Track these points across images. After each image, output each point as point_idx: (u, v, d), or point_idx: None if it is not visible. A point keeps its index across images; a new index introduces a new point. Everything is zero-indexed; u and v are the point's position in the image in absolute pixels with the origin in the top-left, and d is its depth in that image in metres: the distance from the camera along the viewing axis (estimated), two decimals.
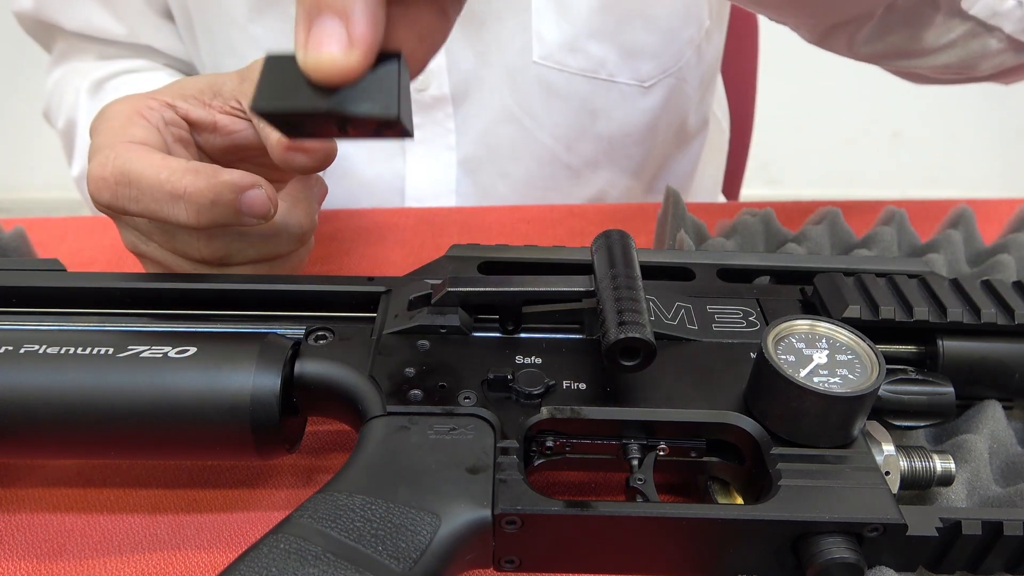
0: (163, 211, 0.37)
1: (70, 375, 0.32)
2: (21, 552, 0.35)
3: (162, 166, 0.37)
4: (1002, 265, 0.48)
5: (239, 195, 0.37)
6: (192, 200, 0.36)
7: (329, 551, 0.27)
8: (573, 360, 0.35)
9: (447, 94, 0.66)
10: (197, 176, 0.37)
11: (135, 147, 0.38)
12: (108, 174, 0.37)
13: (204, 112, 0.43)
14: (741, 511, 0.30)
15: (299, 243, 0.43)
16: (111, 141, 0.38)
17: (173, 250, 0.41)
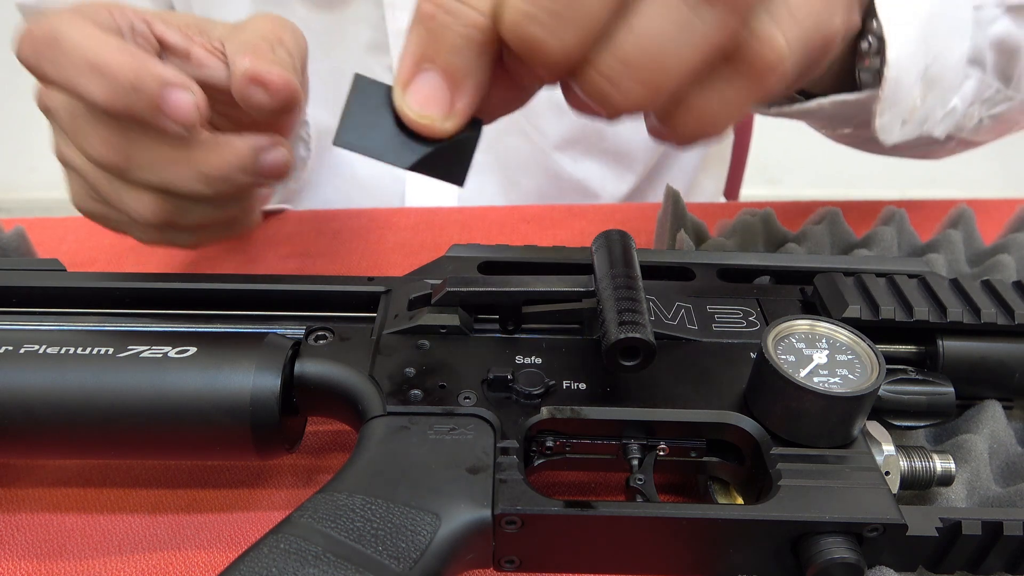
0: (78, 82, 0.34)
1: (70, 375, 0.32)
2: (21, 552, 0.35)
3: (93, 35, 0.34)
4: (1002, 265, 0.48)
5: (162, 89, 0.33)
6: (111, 75, 0.33)
7: (329, 551, 0.27)
8: (573, 360, 0.35)
9: None
10: (123, 53, 0.34)
11: (79, 18, 0.35)
12: (39, 32, 0.34)
13: (181, 39, 0.39)
14: (741, 511, 0.30)
15: (216, 196, 0.38)
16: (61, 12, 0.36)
17: (78, 144, 0.38)
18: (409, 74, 0.26)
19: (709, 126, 0.28)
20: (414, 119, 0.26)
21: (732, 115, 0.27)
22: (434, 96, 0.26)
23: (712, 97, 0.27)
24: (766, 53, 0.26)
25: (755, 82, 0.26)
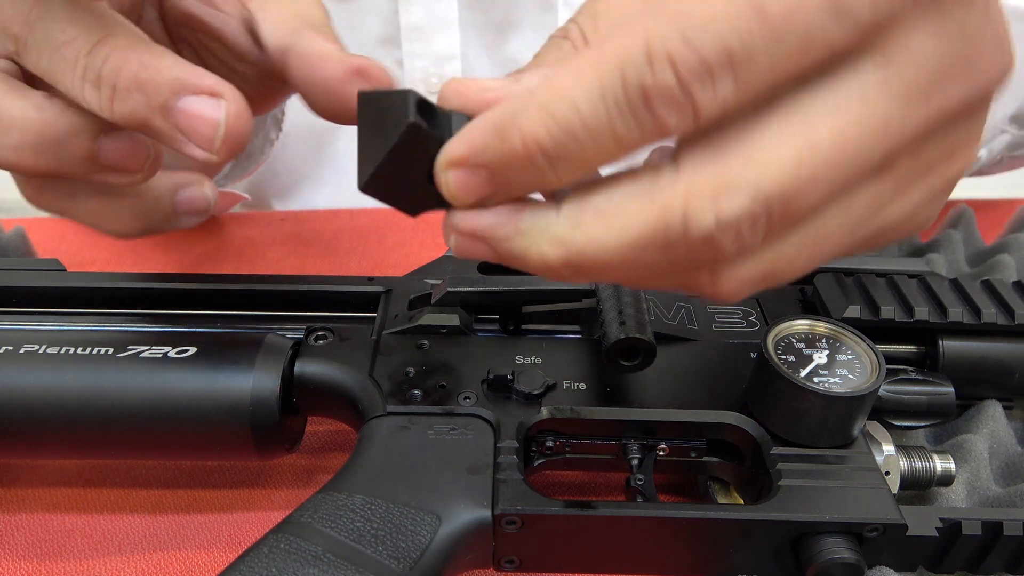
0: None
1: (70, 375, 0.32)
2: (21, 552, 0.35)
3: None
4: (1002, 265, 0.48)
5: (98, 140, 0.29)
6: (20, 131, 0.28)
7: (329, 551, 0.27)
8: (573, 360, 0.35)
9: None
10: (26, 99, 0.28)
11: None
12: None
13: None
14: (741, 511, 0.30)
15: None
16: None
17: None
18: (463, 161, 0.23)
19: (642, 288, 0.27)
20: (446, 194, 0.24)
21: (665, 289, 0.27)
22: (473, 192, 0.24)
23: (658, 283, 0.26)
24: (707, 293, 0.25)
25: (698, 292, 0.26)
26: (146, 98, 0.27)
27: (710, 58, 0.19)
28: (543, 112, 0.21)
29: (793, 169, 0.21)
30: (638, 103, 0.20)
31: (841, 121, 0.21)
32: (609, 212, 0.23)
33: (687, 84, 0.20)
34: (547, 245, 0.23)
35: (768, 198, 0.21)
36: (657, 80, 0.20)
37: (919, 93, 0.21)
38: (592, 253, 0.23)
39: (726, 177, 0.21)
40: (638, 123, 0.21)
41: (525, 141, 0.22)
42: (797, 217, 0.22)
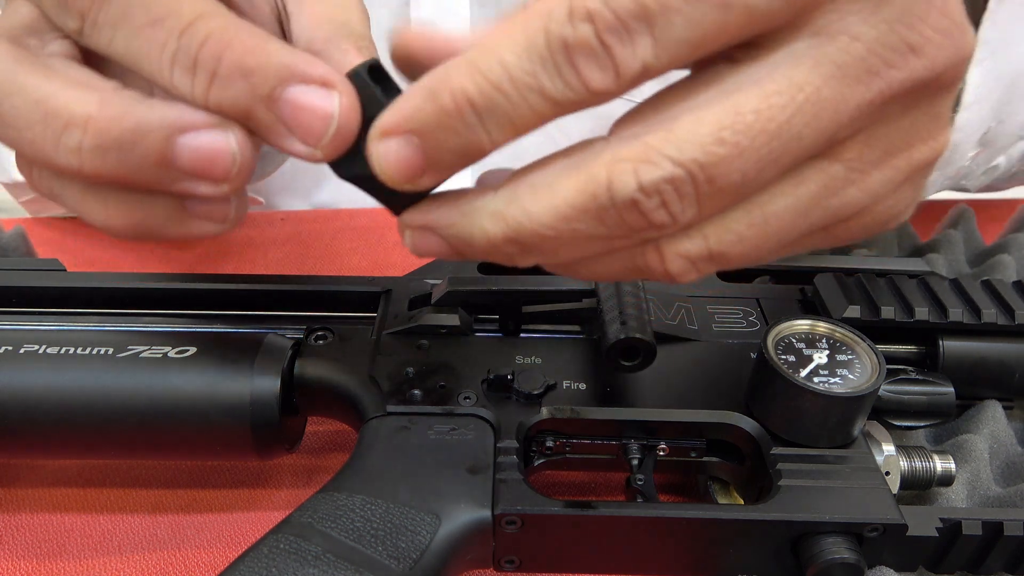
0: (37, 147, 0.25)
1: (70, 375, 0.32)
2: (21, 552, 0.35)
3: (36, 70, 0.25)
4: (1002, 265, 0.48)
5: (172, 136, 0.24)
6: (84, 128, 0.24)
7: (329, 551, 0.27)
8: (573, 360, 0.35)
9: None
10: (93, 92, 0.25)
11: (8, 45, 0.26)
12: None
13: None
14: (741, 511, 0.30)
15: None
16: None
17: None
18: (396, 128, 0.23)
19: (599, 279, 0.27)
20: (376, 168, 0.24)
21: (617, 278, 0.27)
22: (403, 165, 0.23)
23: (600, 266, 0.26)
24: (657, 273, 0.25)
25: (649, 277, 0.26)
26: (250, 86, 0.24)
27: (626, 16, 0.20)
28: (471, 67, 0.22)
29: (713, 138, 0.21)
30: (560, 56, 0.21)
31: (765, 92, 0.21)
32: (541, 185, 0.23)
33: (605, 39, 0.20)
34: (488, 222, 0.24)
35: (688, 164, 0.21)
36: (577, 34, 0.20)
37: (856, 74, 0.21)
38: (529, 225, 0.23)
39: (648, 144, 0.22)
40: (562, 78, 0.21)
41: (454, 95, 0.22)
42: (729, 190, 0.22)
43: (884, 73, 0.22)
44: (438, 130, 0.22)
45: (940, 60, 0.22)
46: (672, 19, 0.20)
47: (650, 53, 0.21)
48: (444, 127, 0.22)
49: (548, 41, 0.21)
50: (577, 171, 0.23)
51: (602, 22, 0.20)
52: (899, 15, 0.21)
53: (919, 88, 0.23)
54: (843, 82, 0.22)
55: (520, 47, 0.21)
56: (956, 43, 0.23)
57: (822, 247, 0.27)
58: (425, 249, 0.26)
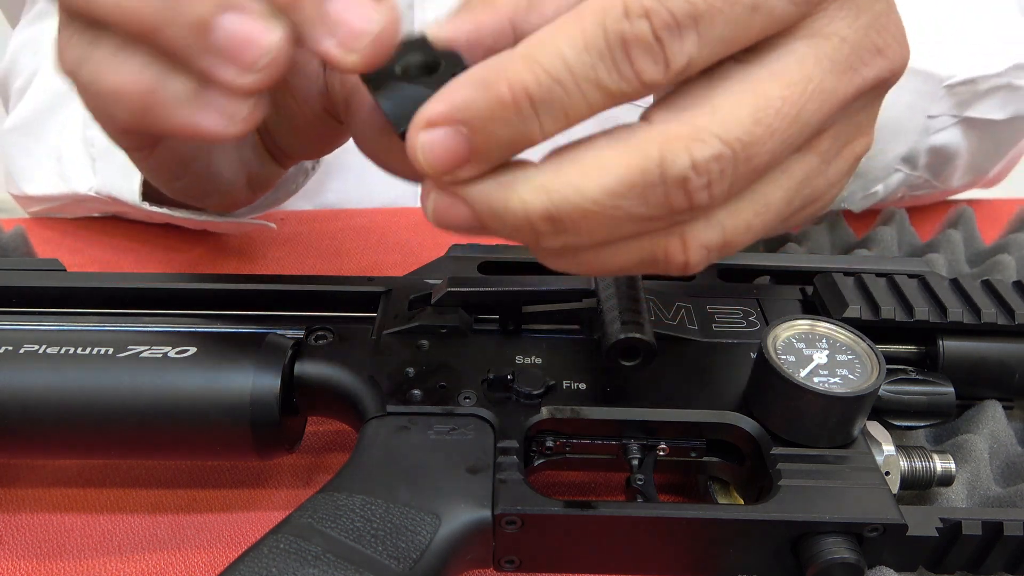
0: None
1: (70, 375, 0.32)
2: (21, 552, 0.35)
3: None
4: (1002, 265, 0.48)
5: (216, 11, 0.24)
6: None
7: (329, 551, 0.27)
8: (573, 360, 0.35)
9: None
10: None
11: None
12: None
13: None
14: (741, 511, 0.30)
15: None
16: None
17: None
18: (444, 117, 0.23)
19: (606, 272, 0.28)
20: (416, 158, 0.24)
21: (628, 269, 0.28)
22: (448, 155, 0.24)
23: (619, 255, 0.27)
24: (672, 263, 0.26)
25: (660, 269, 0.27)
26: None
27: (678, 14, 0.22)
28: (530, 60, 0.23)
29: (751, 120, 0.24)
30: (618, 50, 0.22)
31: (785, 82, 0.24)
32: (589, 160, 0.24)
33: (660, 34, 0.22)
34: (529, 193, 0.24)
35: (733, 143, 0.23)
36: (635, 29, 0.22)
37: (843, 67, 0.25)
38: (575, 199, 0.24)
39: (696, 125, 0.24)
40: (618, 70, 0.23)
41: (513, 88, 0.23)
42: (759, 169, 0.25)
43: (861, 70, 0.25)
44: (491, 121, 0.23)
45: (896, 61, 0.26)
46: (715, 18, 0.23)
47: (695, 49, 0.23)
48: (498, 118, 0.23)
49: (607, 36, 0.22)
50: (628, 148, 0.24)
51: (658, 19, 0.22)
52: (871, 22, 0.25)
53: (879, 85, 0.26)
54: (836, 76, 0.25)
55: (579, 41, 0.22)
56: (904, 49, 0.27)
57: (779, 232, 0.30)
58: (448, 216, 0.25)
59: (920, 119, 0.46)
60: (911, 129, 0.46)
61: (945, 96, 0.46)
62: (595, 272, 0.28)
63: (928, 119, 0.46)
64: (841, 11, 0.25)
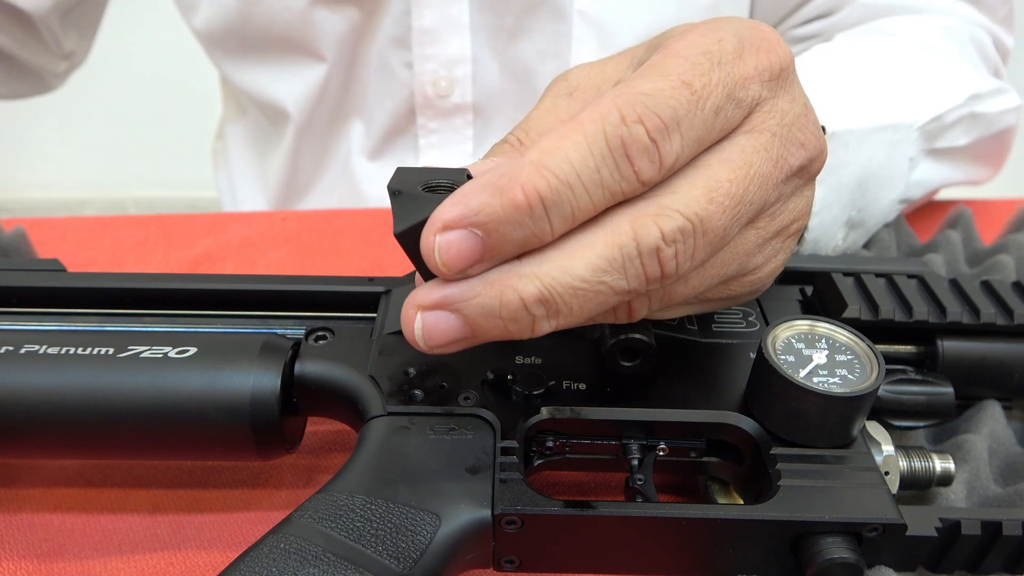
0: None
1: (70, 375, 0.32)
2: (21, 552, 0.35)
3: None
4: (1001, 265, 0.48)
5: None
6: None
7: (329, 551, 0.27)
8: (573, 360, 0.35)
9: (469, 103, 0.67)
10: None
11: None
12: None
13: None
14: (741, 511, 0.30)
15: None
16: None
17: None
18: (459, 221, 0.25)
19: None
20: (432, 258, 0.26)
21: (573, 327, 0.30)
22: (463, 256, 0.26)
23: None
24: (621, 318, 0.30)
25: (607, 319, 0.31)
26: None
27: (665, 118, 0.26)
28: (541, 167, 0.25)
29: (706, 198, 0.27)
30: (619, 152, 0.26)
31: (731, 167, 0.28)
32: (569, 245, 0.27)
33: (654, 136, 0.26)
34: (521, 282, 0.26)
35: (692, 217, 0.27)
36: (633, 133, 0.26)
37: (775, 157, 0.29)
38: (565, 279, 0.26)
39: (660, 203, 0.27)
40: (620, 171, 0.26)
41: (527, 192, 0.25)
42: (714, 243, 0.28)
43: (788, 159, 0.30)
44: (506, 224, 0.25)
45: (813, 152, 0.31)
46: (693, 120, 0.26)
47: (680, 148, 0.26)
48: (512, 221, 0.25)
49: (608, 141, 0.25)
50: (604, 231, 0.27)
51: (651, 123, 0.26)
52: (794, 121, 0.30)
53: (802, 171, 0.31)
54: (770, 163, 0.29)
55: (583, 148, 0.25)
56: (821, 143, 0.32)
57: (720, 306, 0.34)
58: (438, 333, 0.27)
59: (902, 164, 0.50)
60: (897, 176, 0.50)
61: (918, 137, 0.50)
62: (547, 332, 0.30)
63: (909, 161, 0.50)
64: (771, 112, 0.29)
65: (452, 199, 0.26)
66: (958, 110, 0.51)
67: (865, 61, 0.54)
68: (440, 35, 0.64)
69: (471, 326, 0.27)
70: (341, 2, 0.63)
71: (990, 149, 0.57)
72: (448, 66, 0.66)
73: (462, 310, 0.27)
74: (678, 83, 0.26)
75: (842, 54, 0.55)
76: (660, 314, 0.32)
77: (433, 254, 0.26)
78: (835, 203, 0.48)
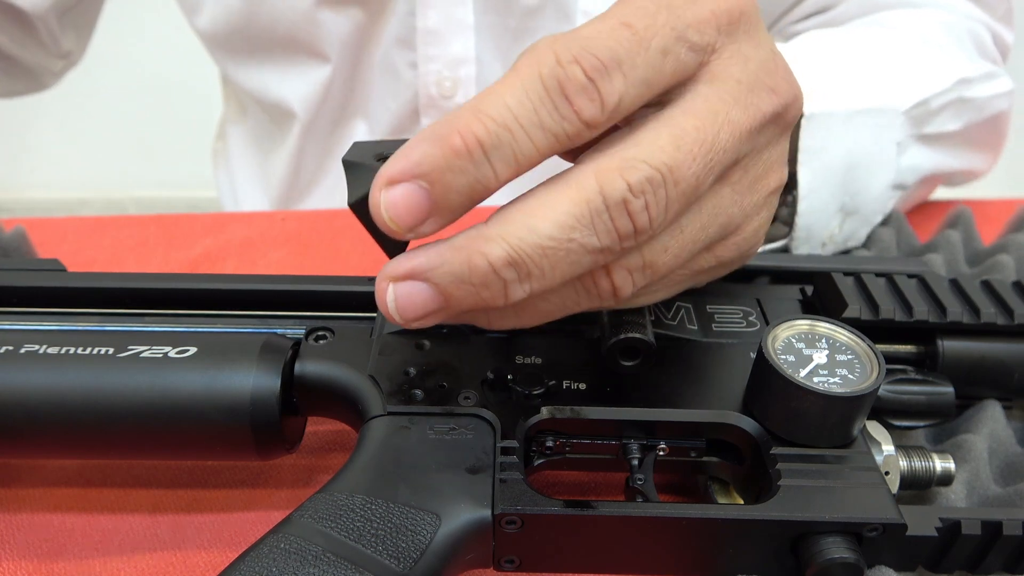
0: None
1: (70, 375, 0.32)
2: (21, 552, 0.35)
3: None
4: (1001, 265, 0.48)
5: None
6: None
7: (329, 551, 0.27)
8: (573, 360, 0.35)
9: None
10: None
11: None
12: None
13: None
14: (741, 511, 0.30)
15: None
16: None
17: None
18: (403, 174, 0.25)
19: (546, 318, 0.30)
20: (380, 216, 0.26)
21: (563, 314, 0.30)
22: (410, 210, 0.26)
23: (557, 297, 0.29)
24: (606, 295, 0.29)
25: (593, 302, 0.30)
26: None
27: (603, 58, 0.25)
28: (477, 111, 0.25)
29: (672, 146, 0.27)
30: (556, 92, 0.25)
31: (696, 115, 0.27)
32: (534, 203, 0.27)
33: (591, 75, 0.25)
34: (487, 245, 0.26)
35: (659, 167, 0.26)
36: (568, 73, 0.25)
37: (744, 103, 0.29)
38: (532, 239, 0.26)
39: (624, 156, 0.26)
40: (559, 111, 0.25)
41: (465, 137, 0.25)
42: (687, 193, 0.27)
43: (758, 104, 0.29)
44: (448, 172, 0.25)
45: (786, 97, 0.30)
46: (636, 60, 0.26)
47: (623, 87, 0.26)
48: (454, 168, 0.25)
49: (544, 83, 0.25)
50: (568, 186, 0.26)
51: (587, 63, 0.25)
52: (759, 67, 0.30)
53: (776, 118, 0.30)
54: (738, 109, 0.28)
55: (520, 91, 0.25)
56: (794, 88, 0.31)
57: (712, 277, 0.33)
58: (412, 304, 0.27)
59: (889, 149, 0.49)
60: (886, 160, 0.49)
61: (904, 122, 0.49)
62: (537, 321, 0.30)
63: (897, 145, 0.50)
64: (733, 58, 0.29)
65: (395, 155, 0.26)
66: (945, 95, 0.51)
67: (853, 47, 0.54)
68: (444, 36, 0.64)
69: (444, 295, 0.27)
70: (346, 3, 0.63)
71: (984, 134, 0.57)
72: (452, 67, 0.66)
73: (432, 278, 0.27)
74: (617, 24, 0.26)
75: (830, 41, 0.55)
76: (651, 295, 0.31)
77: (381, 212, 0.26)
78: (822, 187, 0.47)
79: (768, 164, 0.31)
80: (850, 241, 0.51)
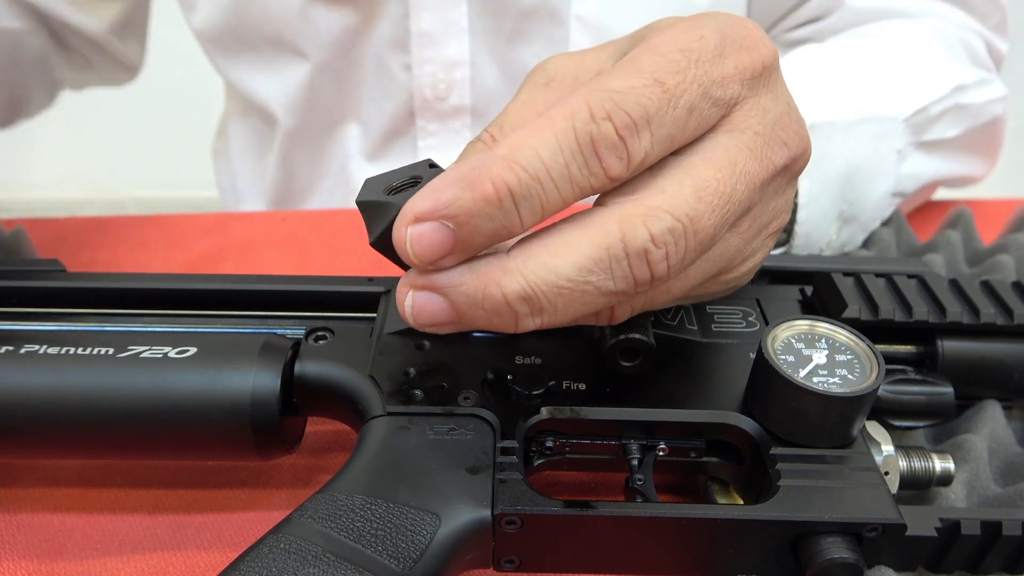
0: None
1: (70, 375, 0.32)
2: (21, 552, 0.35)
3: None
4: (1001, 265, 0.48)
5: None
6: None
7: (329, 551, 0.27)
8: (573, 360, 0.35)
9: (467, 105, 0.67)
10: None
11: None
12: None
13: None
14: (741, 511, 0.30)
15: None
16: None
17: None
18: (431, 213, 0.26)
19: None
20: (404, 249, 0.27)
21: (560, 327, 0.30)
22: (434, 248, 0.26)
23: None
24: (603, 320, 0.31)
25: (589, 320, 0.31)
26: None
27: (635, 116, 0.26)
28: (510, 161, 0.26)
29: (695, 197, 0.27)
30: (588, 148, 0.26)
31: (716, 166, 0.28)
32: (556, 242, 0.27)
33: (622, 133, 0.26)
34: (505, 277, 0.27)
35: (682, 217, 0.27)
36: (601, 130, 0.26)
37: (760, 155, 0.29)
38: (549, 278, 0.27)
39: (649, 204, 0.27)
40: (588, 166, 0.26)
41: (496, 185, 0.25)
42: (704, 242, 0.28)
43: (772, 157, 0.30)
44: (477, 217, 0.26)
45: (796, 151, 0.31)
46: (664, 118, 0.27)
47: (650, 145, 0.27)
48: (483, 215, 0.26)
49: (577, 136, 0.26)
50: (590, 229, 0.27)
51: (619, 120, 0.26)
52: (776, 120, 0.30)
53: (786, 170, 0.31)
54: (754, 161, 0.29)
55: (554, 143, 0.26)
56: (804, 141, 0.32)
57: (692, 302, 0.34)
58: (426, 313, 0.28)
59: (889, 157, 0.50)
60: (886, 168, 0.50)
61: (905, 130, 0.50)
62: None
63: (898, 153, 0.50)
64: (752, 111, 0.29)
65: (423, 192, 0.26)
66: (943, 101, 0.51)
67: (851, 59, 0.54)
68: (439, 38, 0.65)
69: (456, 312, 0.28)
70: (338, 1, 0.63)
71: (981, 140, 0.57)
72: (446, 68, 0.66)
73: (449, 295, 0.28)
74: (650, 80, 0.27)
75: (829, 53, 0.55)
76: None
77: (405, 245, 0.26)
78: (822, 195, 0.48)
79: (775, 212, 0.32)
80: (847, 246, 0.52)
